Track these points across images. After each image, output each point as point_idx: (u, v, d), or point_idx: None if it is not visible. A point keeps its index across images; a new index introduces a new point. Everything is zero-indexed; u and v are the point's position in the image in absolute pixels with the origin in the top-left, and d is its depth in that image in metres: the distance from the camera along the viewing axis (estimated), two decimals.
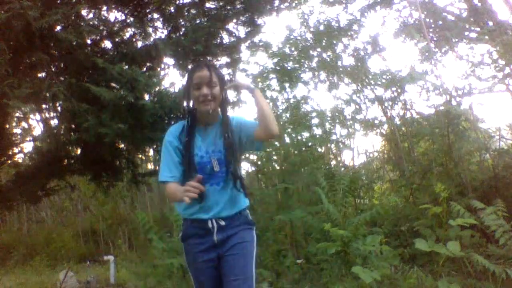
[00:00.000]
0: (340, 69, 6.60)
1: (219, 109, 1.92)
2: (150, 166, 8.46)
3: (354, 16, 6.87)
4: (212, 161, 1.84)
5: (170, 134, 1.90)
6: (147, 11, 4.90)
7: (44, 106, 4.90)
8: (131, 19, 4.80)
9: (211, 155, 1.85)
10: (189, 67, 5.14)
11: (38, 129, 6.18)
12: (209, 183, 1.83)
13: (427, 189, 4.73)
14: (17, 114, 5.14)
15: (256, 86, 1.98)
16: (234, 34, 5.37)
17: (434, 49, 6.92)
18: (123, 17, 4.91)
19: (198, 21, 4.94)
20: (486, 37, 5.60)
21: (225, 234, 1.86)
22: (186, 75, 1.92)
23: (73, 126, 4.67)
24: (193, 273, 1.92)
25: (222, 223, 1.85)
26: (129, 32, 4.96)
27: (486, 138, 5.15)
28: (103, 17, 4.75)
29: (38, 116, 5.58)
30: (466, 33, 7.12)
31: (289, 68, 6.23)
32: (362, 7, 7.10)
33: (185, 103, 1.92)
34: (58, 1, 4.05)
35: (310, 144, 5.75)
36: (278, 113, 5.96)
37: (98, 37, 4.65)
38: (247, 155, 5.85)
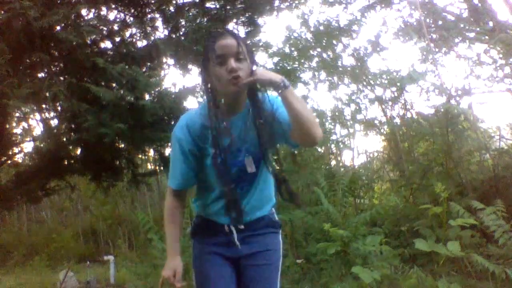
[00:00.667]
0: (340, 69, 6.60)
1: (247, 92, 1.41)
2: (150, 166, 8.47)
3: (354, 16, 6.87)
4: (245, 160, 1.43)
5: (181, 133, 1.43)
6: (147, 11, 4.91)
7: (44, 106, 4.90)
8: (131, 19, 4.81)
9: (244, 152, 1.43)
10: (190, 66, 5.15)
11: (38, 129, 6.19)
12: (242, 189, 1.47)
13: (427, 189, 4.73)
14: (17, 114, 5.15)
15: (287, 83, 1.30)
16: None
17: (434, 49, 6.92)
18: (123, 17, 4.91)
19: (198, 21, 4.94)
20: (486, 37, 5.60)
21: (243, 234, 1.50)
22: (204, 47, 1.42)
23: (73, 126, 4.67)
24: (198, 266, 1.53)
25: (242, 227, 1.48)
26: (129, 32, 4.96)
27: (486, 138, 5.15)
28: (103, 17, 4.75)
29: (38, 116, 5.59)
30: (466, 33, 7.12)
31: (289, 68, 6.23)
32: (362, 7, 7.10)
33: (204, 86, 1.41)
34: (58, 1, 4.05)
35: None
36: None
37: (98, 37, 4.65)
38: None
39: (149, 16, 4.93)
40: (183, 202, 1.56)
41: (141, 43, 4.91)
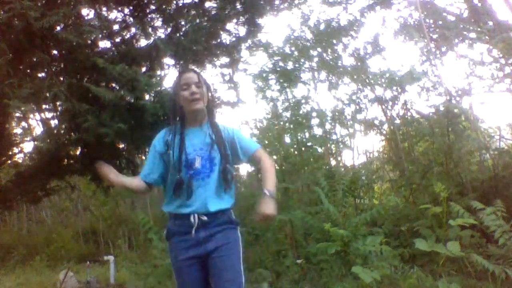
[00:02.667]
0: (340, 69, 6.60)
1: (206, 111, 2.00)
2: None
3: (354, 16, 6.88)
4: (196, 158, 1.90)
5: (157, 139, 2.06)
6: (147, 11, 4.90)
7: (44, 106, 4.90)
8: (131, 19, 4.80)
9: (198, 152, 1.92)
10: (189, 66, 5.17)
11: (38, 129, 6.18)
12: (194, 178, 1.89)
13: (427, 189, 4.73)
14: (17, 114, 5.14)
15: (272, 195, 1.91)
16: (234, 34, 5.37)
17: (434, 49, 6.93)
18: (123, 17, 4.91)
19: (198, 21, 4.94)
20: (486, 37, 5.60)
21: (209, 232, 1.87)
22: (173, 80, 2.06)
23: (73, 126, 4.66)
24: (176, 272, 1.93)
25: (205, 218, 1.86)
26: (129, 32, 4.96)
27: (486, 138, 5.15)
28: (103, 17, 4.75)
29: (38, 116, 5.58)
30: (466, 33, 7.12)
31: (289, 68, 6.23)
32: (362, 7, 7.11)
33: (173, 105, 2.02)
34: (58, 1, 4.04)
35: (310, 144, 5.76)
36: (278, 113, 5.97)
37: (98, 37, 4.65)
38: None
39: (149, 16, 4.92)
40: (140, 182, 2.03)
41: (141, 43, 4.91)
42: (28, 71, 4.19)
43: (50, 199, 9.84)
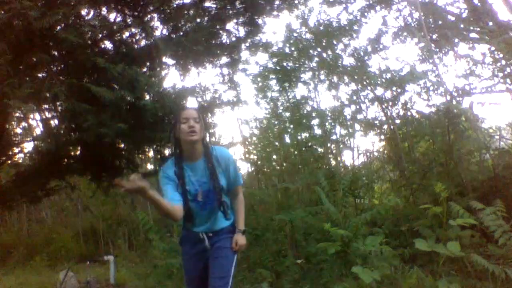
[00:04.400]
0: (340, 69, 6.60)
1: (202, 146, 2.25)
2: (150, 166, 8.47)
3: (355, 16, 6.87)
4: (198, 193, 2.23)
5: (163, 170, 2.27)
6: (147, 11, 4.90)
7: (44, 106, 4.90)
8: (131, 19, 4.80)
9: (201, 186, 2.23)
10: (190, 66, 5.18)
11: (38, 129, 6.18)
12: (201, 208, 2.26)
13: (427, 189, 4.73)
14: (17, 114, 5.15)
15: (242, 231, 2.41)
16: (234, 34, 5.37)
17: (435, 49, 6.92)
18: (123, 17, 4.91)
19: (198, 21, 4.94)
20: (486, 37, 5.60)
21: (212, 241, 2.32)
22: (175, 116, 2.34)
23: (73, 126, 4.67)
24: (187, 269, 2.42)
25: (210, 234, 2.33)
26: (129, 32, 4.96)
27: (486, 138, 5.14)
28: (103, 17, 4.75)
29: (38, 116, 5.58)
30: (466, 33, 7.12)
31: (289, 68, 6.23)
32: (362, 7, 7.11)
33: (174, 139, 2.26)
34: (58, 1, 4.04)
35: (310, 144, 5.76)
36: (278, 112, 5.97)
37: (98, 37, 4.65)
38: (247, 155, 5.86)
39: (149, 16, 4.92)
40: (180, 208, 2.19)
41: (141, 43, 4.91)
42: (28, 71, 4.19)
43: (50, 199, 9.84)
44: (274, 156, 5.58)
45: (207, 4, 5.12)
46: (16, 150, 5.49)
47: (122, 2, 4.75)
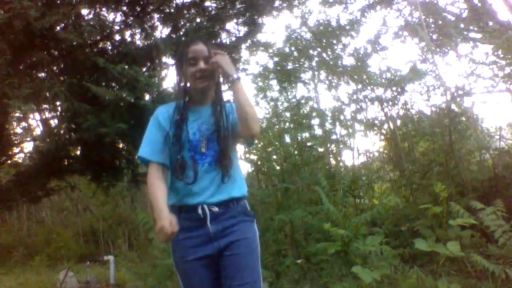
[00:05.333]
0: (340, 69, 6.60)
1: (214, 90, 1.71)
2: None
3: (355, 16, 6.88)
4: (201, 141, 1.62)
5: (160, 113, 1.69)
6: (147, 11, 4.90)
7: (44, 106, 4.90)
8: (131, 19, 4.81)
9: (203, 133, 1.64)
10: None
11: (38, 129, 6.19)
12: (200, 163, 1.60)
13: (427, 189, 4.73)
14: (17, 114, 5.15)
15: (238, 77, 1.60)
16: (234, 34, 5.37)
17: (435, 49, 6.92)
18: (123, 17, 4.91)
19: (198, 21, 4.94)
20: (488, 36, 5.59)
21: (221, 226, 1.56)
22: (179, 52, 1.75)
23: (73, 126, 4.67)
24: (182, 275, 1.61)
25: (215, 209, 1.57)
26: (129, 32, 4.96)
27: (486, 137, 5.15)
28: (103, 17, 4.75)
29: (38, 116, 5.58)
30: (467, 33, 7.12)
31: (289, 68, 6.23)
32: (362, 6, 7.11)
33: (178, 83, 1.72)
34: (59, 1, 4.05)
35: (310, 144, 5.76)
36: (279, 112, 5.96)
37: (98, 37, 4.65)
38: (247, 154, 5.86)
39: (149, 16, 4.92)
40: (164, 176, 1.62)
41: (141, 43, 4.91)
42: (28, 71, 4.20)
43: (50, 199, 9.84)
44: (274, 156, 5.57)
45: (207, 4, 5.12)
46: (16, 150, 5.50)
47: (122, 2, 4.75)
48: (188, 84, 1.69)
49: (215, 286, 1.58)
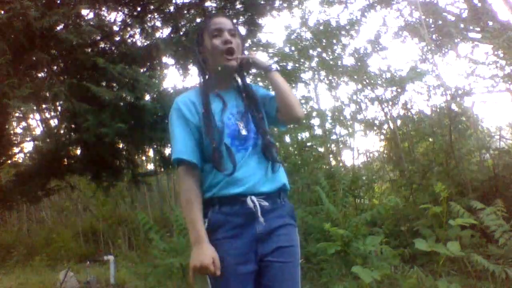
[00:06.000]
0: (340, 69, 6.60)
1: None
2: (150, 166, 8.48)
3: (355, 16, 6.88)
4: (238, 124, 1.42)
5: (182, 103, 1.45)
6: (147, 11, 4.91)
7: (44, 106, 4.90)
8: (131, 19, 4.81)
9: (236, 117, 1.44)
10: (190, 66, 5.17)
11: (38, 129, 6.19)
12: (240, 149, 1.39)
13: (427, 189, 4.73)
14: (17, 114, 5.15)
15: (276, 68, 1.50)
16: None
17: (435, 49, 6.93)
18: (123, 17, 4.91)
19: (198, 21, 4.94)
20: (489, 36, 5.59)
21: (268, 226, 1.34)
22: (200, 26, 1.53)
23: (73, 126, 4.67)
24: (216, 283, 1.31)
25: (265, 203, 1.34)
26: (129, 32, 4.96)
27: (486, 137, 5.15)
28: (103, 17, 4.75)
29: (38, 116, 5.59)
30: (466, 33, 7.13)
31: (289, 68, 6.23)
32: (362, 6, 7.11)
33: (198, 59, 1.51)
34: (58, 1, 4.05)
35: (310, 144, 5.76)
36: None
37: (98, 37, 4.65)
38: None
39: (149, 16, 4.93)
40: (198, 182, 1.40)
41: (141, 43, 4.91)
42: (28, 71, 4.20)
43: (50, 199, 9.85)
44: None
45: (207, 4, 5.12)
46: (16, 150, 5.50)
47: (122, 2, 4.75)
48: (210, 62, 1.49)
49: None
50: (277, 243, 1.35)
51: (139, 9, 4.84)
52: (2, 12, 3.58)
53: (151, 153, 6.24)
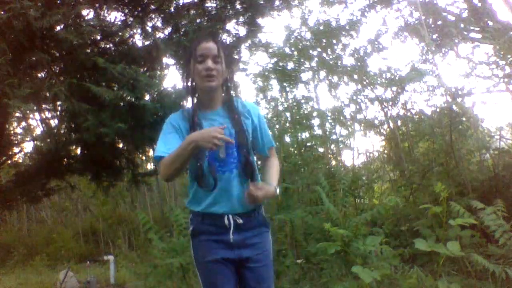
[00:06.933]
0: (340, 69, 6.60)
1: (223, 90, 1.71)
2: (150, 166, 8.48)
3: (356, 16, 6.87)
4: (219, 146, 1.55)
5: (173, 120, 1.69)
6: (148, 11, 4.91)
7: (44, 106, 4.91)
8: (131, 19, 4.81)
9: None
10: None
11: (38, 129, 6.19)
12: (221, 170, 1.60)
13: (427, 189, 4.73)
14: (17, 114, 5.15)
15: (276, 189, 1.69)
16: (234, 34, 5.37)
17: (435, 49, 6.93)
18: (123, 17, 4.91)
19: (198, 21, 4.95)
20: (490, 36, 5.59)
21: (242, 236, 1.63)
22: (189, 48, 1.74)
23: (73, 126, 4.68)
24: (204, 273, 1.64)
25: (240, 221, 1.61)
26: (129, 32, 4.96)
27: (486, 137, 5.15)
28: (103, 17, 4.76)
29: (38, 116, 5.59)
30: (466, 33, 7.13)
31: (289, 68, 6.23)
32: (362, 6, 7.11)
33: (185, 81, 1.70)
34: (59, 1, 4.05)
35: (310, 144, 5.75)
36: (279, 112, 5.96)
37: (98, 37, 4.65)
38: None
39: (149, 16, 4.93)
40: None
41: (141, 43, 4.92)
42: (28, 71, 4.20)
43: (50, 199, 9.85)
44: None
45: (207, 4, 5.13)
46: (16, 150, 5.50)
47: (122, 2, 4.75)
48: (195, 83, 1.66)
49: (235, 284, 1.64)
50: (253, 251, 1.64)
51: (139, 9, 4.84)
52: (2, 12, 3.58)
53: (151, 153, 6.24)
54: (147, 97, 4.46)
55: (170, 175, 1.59)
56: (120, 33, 4.90)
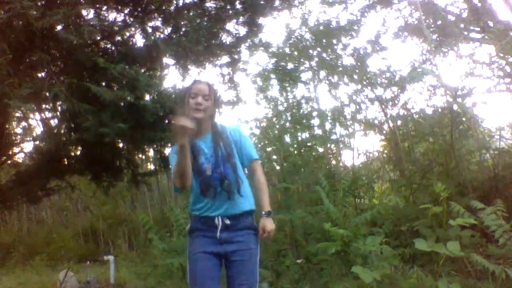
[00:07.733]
0: (340, 69, 6.59)
1: (209, 123, 2.10)
2: (150, 166, 8.48)
3: (355, 15, 6.87)
4: (206, 166, 2.02)
5: (174, 149, 2.06)
6: (147, 11, 4.91)
7: (44, 106, 4.91)
8: (131, 19, 4.81)
9: (209, 159, 2.04)
10: (190, 66, 5.19)
11: (38, 129, 6.19)
12: (215, 185, 2.01)
13: (427, 189, 4.73)
14: (17, 114, 5.15)
15: (269, 214, 2.07)
16: (234, 34, 5.38)
17: (435, 49, 6.92)
18: (123, 17, 4.92)
19: (198, 21, 4.95)
20: (491, 36, 5.58)
21: (229, 235, 1.99)
22: (188, 88, 2.15)
23: (73, 126, 4.68)
24: (191, 263, 2.01)
25: (227, 222, 2.00)
26: (129, 32, 4.96)
27: (486, 137, 5.15)
28: (103, 17, 4.76)
29: (38, 116, 5.59)
30: (467, 33, 7.13)
31: (289, 68, 6.23)
32: (362, 6, 7.11)
33: (182, 111, 2.08)
34: (59, 1, 4.05)
35: (310, 144, 5.76)
36: (279, 112, 5.96)
37: (98, 37, 4.65)
38: None
39: (149, 16, 4.93)
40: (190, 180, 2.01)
41: (141, 43, 4.92)
42: (28, 71, 4.20)
43: (50, 199, 9.85)
44: (274, 156, 5.57)
45: (207, 4, 5.13)
46: (16, 150, 5.50)
47: (122, 2, 4.75)
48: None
49: (216, 276, 1.96)
50: (237, 247, 1.99)
51: (139, 9, 4.84)
52: (2, 12, 3.58)
53: (151, 153, 6.25)
54: (147, 97, 4.46)
55: (181, 183, 1.95)
56: (120, 33, 4.90)
